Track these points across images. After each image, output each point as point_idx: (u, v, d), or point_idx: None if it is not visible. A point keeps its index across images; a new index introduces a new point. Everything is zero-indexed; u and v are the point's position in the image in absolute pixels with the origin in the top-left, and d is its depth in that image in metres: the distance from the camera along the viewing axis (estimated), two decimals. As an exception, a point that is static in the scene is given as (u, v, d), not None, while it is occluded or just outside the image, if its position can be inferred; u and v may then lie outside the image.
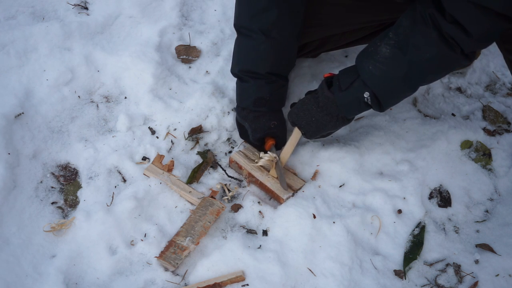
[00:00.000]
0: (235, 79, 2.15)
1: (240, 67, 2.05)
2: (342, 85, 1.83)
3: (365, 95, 1.79)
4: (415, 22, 1.68)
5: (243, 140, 2.23)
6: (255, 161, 2.10)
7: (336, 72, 1.91)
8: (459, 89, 2.51)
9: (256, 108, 2.06)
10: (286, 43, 2.02)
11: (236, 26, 2.05)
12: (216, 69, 2.43)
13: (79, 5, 2.59)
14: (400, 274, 1.90)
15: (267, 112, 2.08)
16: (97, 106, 2.29)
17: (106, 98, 2.32)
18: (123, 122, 2.22)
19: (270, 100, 2.06)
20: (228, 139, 2.25)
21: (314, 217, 1.95)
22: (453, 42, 1.64)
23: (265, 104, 2.06)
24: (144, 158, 2.14)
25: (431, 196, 2.11)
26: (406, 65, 1.72)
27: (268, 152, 2.06)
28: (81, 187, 2.06)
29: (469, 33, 1.60)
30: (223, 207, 1.97)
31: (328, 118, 1.91)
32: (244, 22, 2.00)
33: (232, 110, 2.29)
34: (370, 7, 2.07)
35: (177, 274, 1.85)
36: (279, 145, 2.11)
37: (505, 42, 1.94)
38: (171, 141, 2.20)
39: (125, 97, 2.32)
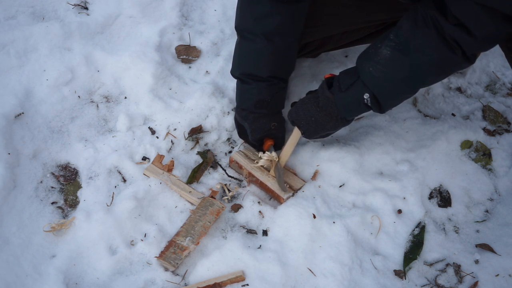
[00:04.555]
0: (235, 79, 2.15)
1: (242, 70, 2.05)
2: (342, 86, 1.83)
3: (365, 97, 1.79)
4: (416, 24, 1.68)
5: (243, 140, 2.23)
6: (255, 161, 2.10)
7: (337, 72, 1.91)
8: (459, 89, 2.51)
9: (257, 110, 2.06)
10: (288, 48, 2.02)
11: (238, 29, 2.04)
12: (216, 69, 2.43)
13: (79, 5, 2.59)
14: (400, 274, 1.90)
15: (268, 113, 2.08)
16: (97, 106, 2.29)
17: (106, 98, 2.32)
18: (123, 122, 2.22)
19: (271, 102, 2.06)
20: (228, 139, 2.25)
21: (314, 217, 1.95)
22: (455, 44, 1.64)
23: (266, 106, 2.06)
24: (144, 158, 2.14)
25: (431, 196, 2.11)
26: (406, 67, 1.72)
27: (266, 152, 2.06)
28: (81, 187, 2.06)
29: (473, 35, 1.60)
30: (223, 207, 1.97)
31: (327, 118, 1.91)
32: (246, 25, 2.00)
33: (232, 110, 2.29)
34: (370, 7, 2.07)
35: (177, 274, 1.85)
36: (277, 146, 2.12)
37: (507, 41, 1.94)
38: (171, 141, 2.20)
39: (125, 97, 2.32)
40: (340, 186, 2.09)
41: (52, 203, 2.01)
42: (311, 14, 2.06)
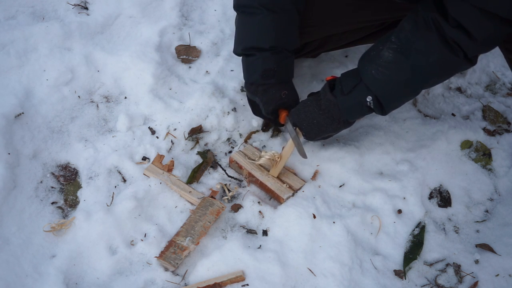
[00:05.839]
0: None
1: (244, 45, 2.03)
2: (344, 88, 1.83)
3: (367, 99, 1.79)
4: (418, 27, 1.68)
5: (243, 141, 2.23)
6: (256, 159, 2.10)
7: (337, 73, 1.91)
8: (459, 89, 2.51)
9: (265, 81, 2.03)
10: (288, 17, 2.00)
11: (236, 6, 2.04)
12: (216, 69, 2.43)
13: (79, 5, 2.59)
14: (400, 274, 1.90)
15: (276, 83, 2.04)
16: (97, 106, 2.29)
17: (106, 98, 2.32)
18: (123, 122, 2.22)
19: (278, 70, 2.02)
20: (228, 139, 2.25)
21: (314, 217, 1.95)
22: (456, 47, 1.64)
23: (273, 75, 2.02)
24: (144, 158, 2.14)
25: (431, 196, 2.11)
26: (409, 70, 1.72)
27: (286, 125, 2.02)
28: (81, 187, 2.06)
29: (473, 37, 1.60)
30: (223, 207, 1.97)
31: (329, 120, 1.91)
32: (244, 1, 1.99)
33: (232, 110, 2.29)
34: (370, 6, 2.07)
35: (177, 274, 1.85)
36: None
37: (506, 42, 1.94)
38: (171, 141, 2.20)
39: (125, 97, 2.32)
40: (340, 186, 2.09)
41: (52, 203, 2.01)
42: (311, 14, 2.06)
